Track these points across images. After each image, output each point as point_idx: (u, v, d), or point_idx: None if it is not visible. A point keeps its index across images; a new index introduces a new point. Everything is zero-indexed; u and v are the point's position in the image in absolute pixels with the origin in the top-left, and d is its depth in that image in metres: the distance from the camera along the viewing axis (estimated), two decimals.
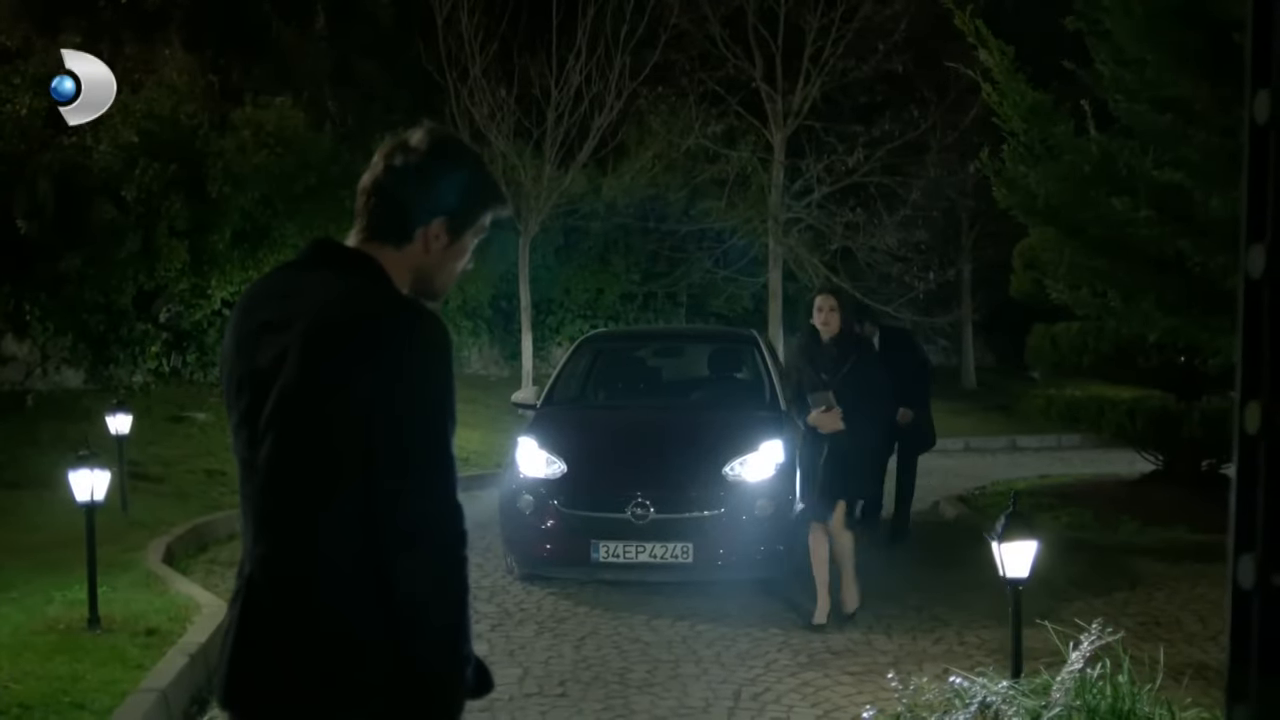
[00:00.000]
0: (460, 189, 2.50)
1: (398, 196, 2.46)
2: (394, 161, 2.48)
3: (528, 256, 18.88)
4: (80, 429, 11.26)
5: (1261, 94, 2.00)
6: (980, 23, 7.37)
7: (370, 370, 2.24)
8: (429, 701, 2.31)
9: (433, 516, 2.25)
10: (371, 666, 2.27)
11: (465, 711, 5.69)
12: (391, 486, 2.23)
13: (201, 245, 15.35)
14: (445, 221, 2.48)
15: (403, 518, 2.23)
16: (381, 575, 2.23)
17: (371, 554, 2.24)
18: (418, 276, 2.51)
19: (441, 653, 2.28)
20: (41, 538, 9.00)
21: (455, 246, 2.53)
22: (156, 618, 6.84)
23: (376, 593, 2.24)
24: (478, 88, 17.34)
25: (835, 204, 19.51)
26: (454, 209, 2.48)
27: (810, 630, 7.36)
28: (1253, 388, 2.05)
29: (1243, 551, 2.07)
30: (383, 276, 2.45)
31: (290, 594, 2.32)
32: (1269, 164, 2.00)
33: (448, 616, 2.28)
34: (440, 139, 2.52)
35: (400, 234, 2.46)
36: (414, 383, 2.26)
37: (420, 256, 2.49)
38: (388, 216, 2.47)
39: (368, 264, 2.46)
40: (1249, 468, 2.07)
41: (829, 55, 18.84)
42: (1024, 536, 5.07)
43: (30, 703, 5.29)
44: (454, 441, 2.33)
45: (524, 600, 8.15)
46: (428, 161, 2.46)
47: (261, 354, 2.38)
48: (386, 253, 2.47)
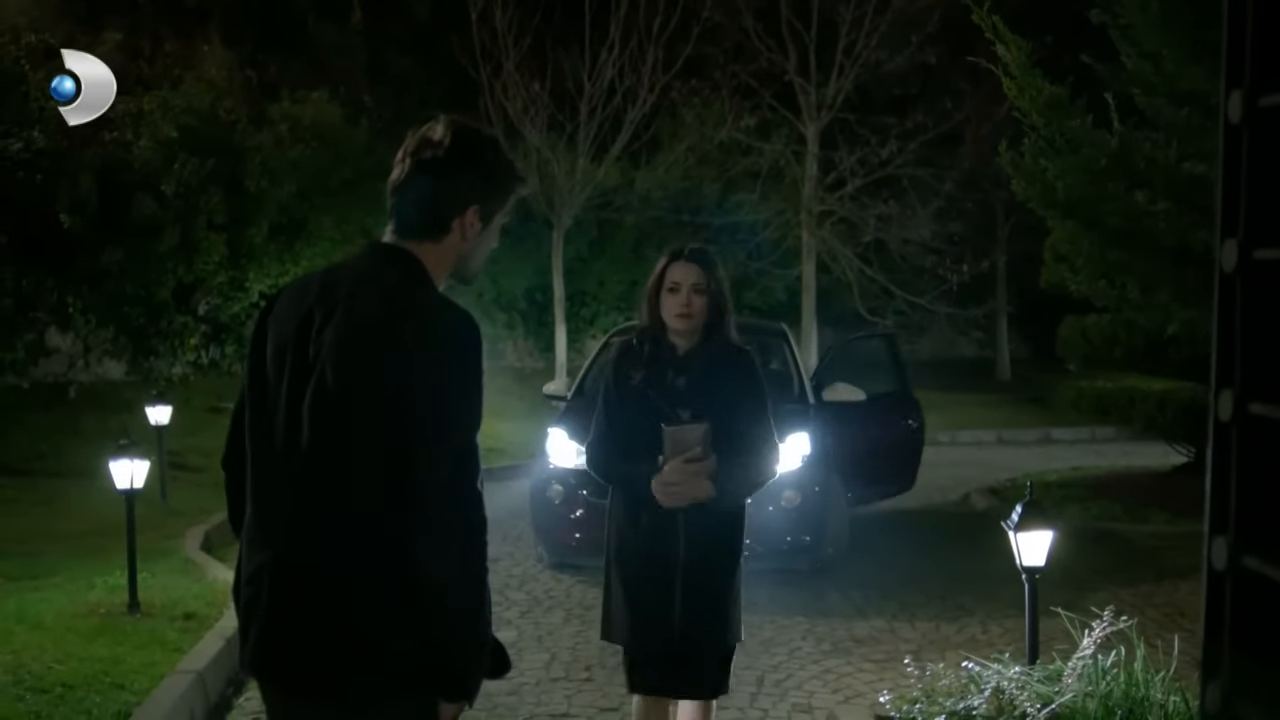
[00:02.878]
0: (486, 176, 2.63)
1: (429, 192, 2.59)
2: (422, 157, 2.60)
3: (561, 249, 19.03)
4: (121, 420, 11.50)
5: (1235, 94, 2.10)
6: (998, 19, 7.42)
7: (400, 368, 2.38)
8: (449, 677, 2.45)
9: (455, 506, 2.39)
10: (396, 645, 2.41)
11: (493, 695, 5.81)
12: (417, 479, 2.36)
13: (239, 239, 15.57)
14: (478, 209, 2.61)
15: (426, 507, 2.36)
16: (405, 560, 2.36)
17: (397, 540, 2.37)
18: (457, 263, 2.66)
19: (461, 633, 2.42)
20: (83, 525, 9.22)
21: (488, 230, 2.68)
22: (194, 603, 7.01)
23: (401, 577, 2.37)
24: (511, 82, 17.49)
25: (868, 196, 19.53)
26: (483, 195, 2.62)
27: (835, 619, 7.45)
28: (1226, 377, 2.15)
29: (1216, 534, 2.17)
30: (421, 273, 2.58)
31: (320, 577, 2.45)
32: (1241, 162, 2.10)
33: (467, 600, 2.41)
34: (461, 130, 2.63)
35: (437, 228, 2.60)
36: (441, 381, 2.39)
37: (459, 245, 2.63)
38: (422, 212, 2.60)
39: (407, 261, 2.59)
40: (1222, 454, 2.18)
41: (862, 47, 18.84)
42: (1040, 526, 5.14)
43: (73, 683, 5.46)
44: (478, 435, 2.45)
45: (553, 588, 8.28)
46: (453, 154, 2.58)
47: (300, 347, 2.51)
48: (425, 247, 2.60)
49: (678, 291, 4.13)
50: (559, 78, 17.72)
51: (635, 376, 4.18)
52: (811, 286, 20.41)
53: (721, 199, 21.34)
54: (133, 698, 5.36)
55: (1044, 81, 7.35)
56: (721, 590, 4.13)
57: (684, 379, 4.13)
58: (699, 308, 4.12)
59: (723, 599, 4.14)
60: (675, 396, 4.10)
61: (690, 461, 4.00)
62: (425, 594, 2.36)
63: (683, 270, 4.15)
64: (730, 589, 4.17)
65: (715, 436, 4.02)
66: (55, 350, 15.28)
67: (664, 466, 4.02)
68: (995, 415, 20.10)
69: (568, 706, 5.86)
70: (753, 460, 4.10)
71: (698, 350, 4.16)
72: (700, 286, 4.13)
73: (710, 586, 4.11)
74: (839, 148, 19.48)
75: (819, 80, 19.43)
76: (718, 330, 4.18)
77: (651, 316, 4.22)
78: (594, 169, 18.46)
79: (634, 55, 17.74)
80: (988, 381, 23.47)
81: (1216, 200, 2.14)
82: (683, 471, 4.00)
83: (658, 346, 4.20)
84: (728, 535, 4.17)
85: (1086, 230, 8.51)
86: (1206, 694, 2.19)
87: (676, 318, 4.12)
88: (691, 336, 4.16)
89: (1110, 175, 7.87)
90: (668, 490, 4.00)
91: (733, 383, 4.13)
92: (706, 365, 4.14)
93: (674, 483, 4.00)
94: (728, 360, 4.17)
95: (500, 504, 10.88)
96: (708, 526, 4.07)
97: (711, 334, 4.17)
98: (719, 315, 4.17)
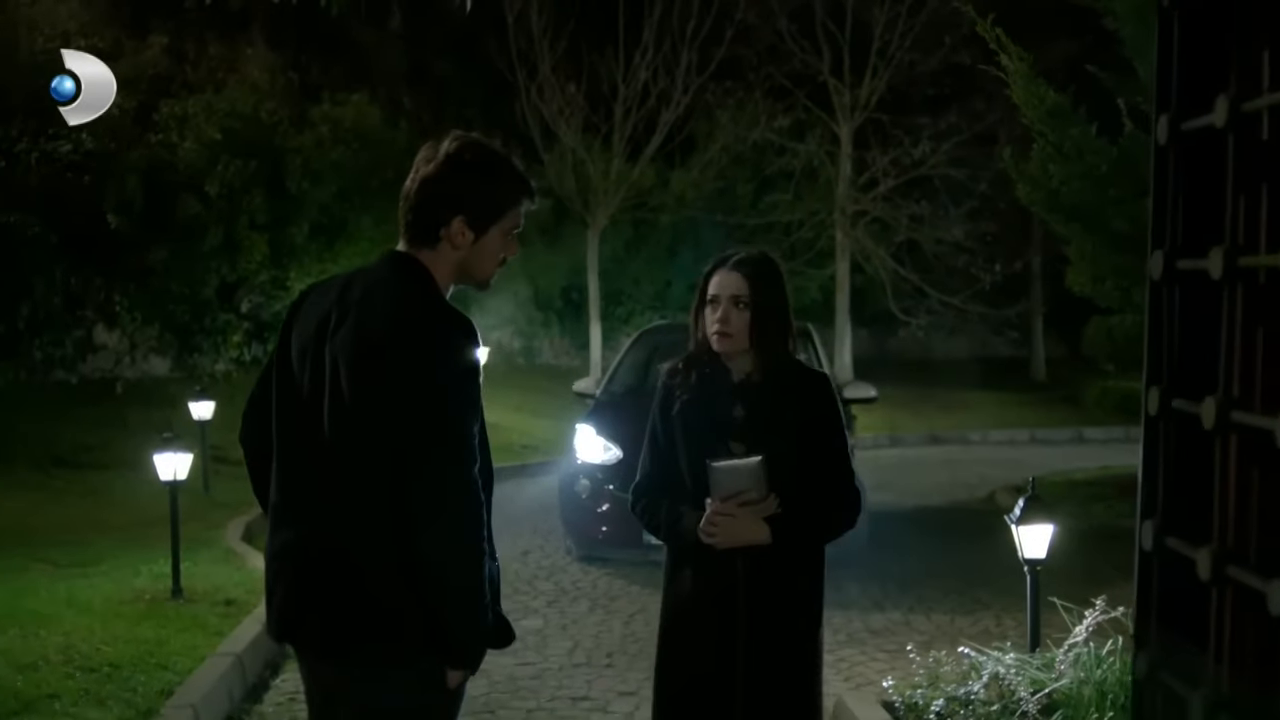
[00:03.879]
0: (474, 190, 2.80)
1: (417, 202, 2.82)
2: (419, 170, 2.83)
3: (597, 249, 19.30)
4: (165, 414, 11.86)
5: (1162, 119, 2.31)
6: (1000, 30, 7.58)
7: (400, 371, 2.64)
8: (452, 647, 2.72)
9: (451, 495, 2.64)
10: (402, 617, 2.68)
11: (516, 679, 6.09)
12: (417, 471, 2.62)
13: (281, 238, 15.94)
14: (464, 220, 2.79)
15: (426, 496, 2.62)
16: (410, 543, 2.63)
17: (400, 526, 2.63)
18: (458, 270, 2.86)
19: (461, 607, 2.68)
20: (129, 516, 9.56)
21: (484, 241, 2.84)
22: (235, 590, 7.31)
23: (406, 558, 2.64)
24: (547, 84, 17.78)
25: (900, 196, 19.67)
26: (470, 207, 2.79)
27: (852, 610, 7.64)
28: (1155, 375, 2.37)
29: (1146, 518, 2.39)
30: (426, 279, 2.81)
31: (336, 555, 2.73)
32: (1168, 181, 2.31)
33: (465, 579, 2.67)
34: (461, 146, 2.83)
35: (429, 236, 2.81)
36: (435, 383, 2.64)
37: (452, 253, 2.82)
38: (412, 222, 2.83)
39: (414, 268, 2.83)
40: (1152, 445, 2.39)
41: (896, 49, 18.99)
42: (1041, 520, 5.32)
43: (119, 663, 5.76)
44: (475, 429, 2.70)
45: (580, 579, 8.53)
46: (444, 168, 2.80)
47: (319, 346, 2.77)
48: (425, 254, 2.84)
49: (716, 305, 3.50)
50: (594, 80, 17.99)
51: (683, 406, 3.56)
52: (845, 286, 20.57)
53: (756, 199, 21.53)
54: (175, 677, 5.64)
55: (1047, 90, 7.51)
56: (798, 657, 3.50)
57: (741, 407, 3.51)
58: (740, 325, 3.47)
59: (801, 667, 3.51)
60: (729, 428, 3.49)
61: (745, 504, 3.39)
62: (428, 573, 2.62)
63: (722, 280, 3.52)
64: (809, 656, 3.54)
65: (780, 476, 3.41)
66: (103, 347, 15.70)
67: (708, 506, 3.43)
68: (1029, 415, 20.17)
69: (588, 690, 6.10)
70: (824, 504, 3.53)
71: (759, 374, 3.52)
72: (742, 299, 3.47)
73: (783, 653, 3.47)
74: (871, 148, 19.63)
75: (853, 81, 19.58)
76: (780, 351, 3.54)
77: (697, 338, 3.59)
78: (629, 169, 18.73)
79: (668, 58, 17.99)
80: (1022, 381, 23.51)
81: (1148, 216, 2.35)
82: (731, 511, 3.39)
83: (709, 370, 3.57)
84: (803, 591, 3.52)
85: (1089, 234, 8.65)
86: (1136, 664, 2.40)
87: (713, 336, 3.50)
88: (746, 358, 3.52)
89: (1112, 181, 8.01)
90: (712, 531, 3.40)
91: (803, 413, 3.52)
92: (771, 392, 3.51)
93: (719, 522, 3.39)
94: (798, 387, 3.55)
95: (532, 499, 11.19)
96: (774, 578, 3.44)
97: (774, 355, 3.52)
98: (776, 334, 3.52)
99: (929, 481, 13.68)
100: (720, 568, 3.45)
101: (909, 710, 5.13)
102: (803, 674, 3.52)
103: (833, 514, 3.57)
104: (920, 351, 24.55)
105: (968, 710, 4.85)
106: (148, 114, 15.61)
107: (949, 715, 4.89)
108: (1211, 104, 2.10)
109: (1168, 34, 2.28)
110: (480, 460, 2.73)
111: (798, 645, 3.51)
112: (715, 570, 3.45)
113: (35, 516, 9.87)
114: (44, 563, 8.02)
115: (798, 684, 3.50)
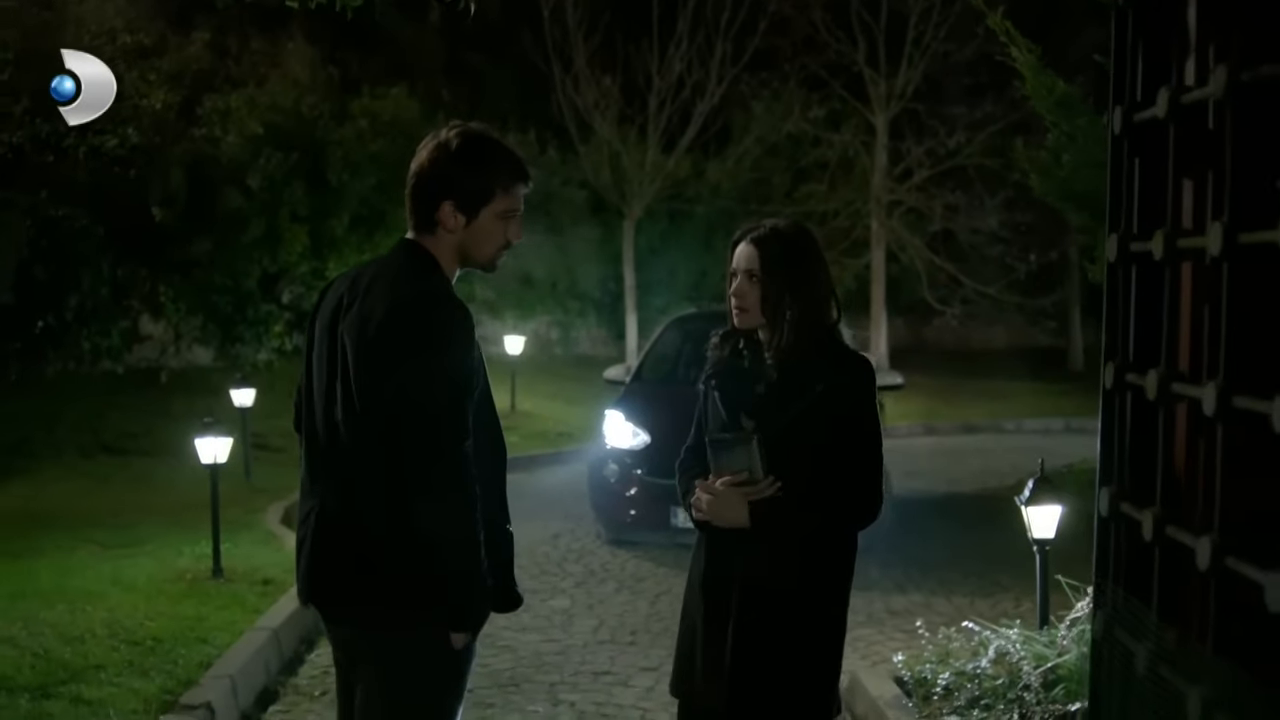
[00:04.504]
0: (460, 175, 2.95)
1: (416, 190, 2.99)
2: (416, 160, 3.00)
3: (633, 239, 19.48)
4: (208, 403, 12.15)
5: (1117, 110, 2.46)
6: (1009, 23, 7.68)
7: (395, 352, 2.83)
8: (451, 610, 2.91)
9: (443, 467, 2.81)
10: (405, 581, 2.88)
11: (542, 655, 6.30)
12: (414, 445, 2.81)
13: (321, 230, 16.25)
14: (453, 204, 2.95)
15: (422, 470, 2.80)
16: (410, 514, 2.82)
17: (396, 496, 2.82)
18: (460, 254, 3.03)
19: (458, 572, 2.86)
20: (172, 500, 9.84)
21: (476, 224, 2.98)
22: (273, 570, 7.55)
23: (407, 527, 2.83)
24: (582, 76, 17.97)
25: (935, 185, 19.71)
26: (457, 191, 2.95)
27: (874, 592, 7.79)
28: (1111, 351, 2.52)
29: (1103, 485, 2.54)
30: (429, 264, 2.99)
31: (347, 523, 2.96)
32: (1122, 169, 2.46)
33: (459, 545, 2.85)
34: (453, 134, 2.99)
35: (426, 222, 2.99)
36: (428, 363, 2.82)
37: (449, 237, 2.99)
38: (415, 209, 3.01)
39: (418, 253, 3.01)
40: (1109, 417, 2.54)
41: (931, 39, 19.03)
42: (1050, 501, 5.46)
43: (161, 637, 6.01)
44: (468, 405, 2.88)
45: (609, 561, 8.72)
46: (435, 155, 2.96)
47: (333, 331, 2.98)
48: (428, 240, 3.02)
49: (734, 279, 3.37)
50: (629, 72, 18.17)
51: (714, 379, 3.47)
52: (881, 276, 20.64)
53: (791, 189, 21.62)
54: (214, 650, 5.89)
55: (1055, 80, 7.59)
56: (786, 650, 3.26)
57: (763, 384, 3.33)
58: (753, 299, 3.31)
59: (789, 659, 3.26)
60: (746, 403, 3.34)
61: (741, 484, 3.25)
62: (426, 541, 2.81)
63: (740, 253, 3.38)
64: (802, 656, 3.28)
65: (786, 459, 3.24)
66: (148, 337, 16.08)
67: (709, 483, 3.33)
68: (1065, 404, 20.13)
69: (610, 665, 6.29)
70: (824, 498, 3.26)
71: (785, 352, 3.29)
72: (754, 272, 3.31)
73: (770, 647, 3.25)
74: (906, 138, 19.68)
75: (888, 71, 19.62)
76: (808, 327, 3.29)
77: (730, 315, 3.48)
78: (664, 161, 18.90)
79: (702, 49, 18.13)
80: (1060, 371, 23.46)
81: (1105, 203, 2.50)
82: (713, 490, 3.29)
83: (744, 345, 3.43)
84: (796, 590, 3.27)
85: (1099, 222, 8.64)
86: (1094, 622, 2.56)
87: (733, 311, 3.39)
88: (770, 334, 3.32)
89: None
90: (698, 506, 3.33)
91: (828, 398, 3.24)
92: (797, 372, 3.27)
93: (704, 500, 3.30)
94: (828, 367, 3.29)
95: (564, 484, 11.39)
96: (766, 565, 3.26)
97: (802, 332, 3.28)
98: (794, 307, 3.27)
99: (960, 469, 13.75)
100: (720, 553, 3.33)
101: (918, 685, 5.28)
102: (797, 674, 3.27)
103: (833, 511, 3.26)
104: (957, 341, 24.57)
105: (974, 684, 5.00)
106: (191, 109, 15.94)
107: (956, 689, 5.04)
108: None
109: (1123, 30, 2.43)
110: (483, 427, 2.92)
111: (789, 647, 3.26)
112: (715, 555, 3.35)
113: (83, 500, 10.21)
114: (91, 543, 8.31)
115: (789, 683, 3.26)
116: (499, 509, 3.04)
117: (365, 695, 3.02)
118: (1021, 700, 4.77)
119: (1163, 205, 2.28)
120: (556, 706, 5.68)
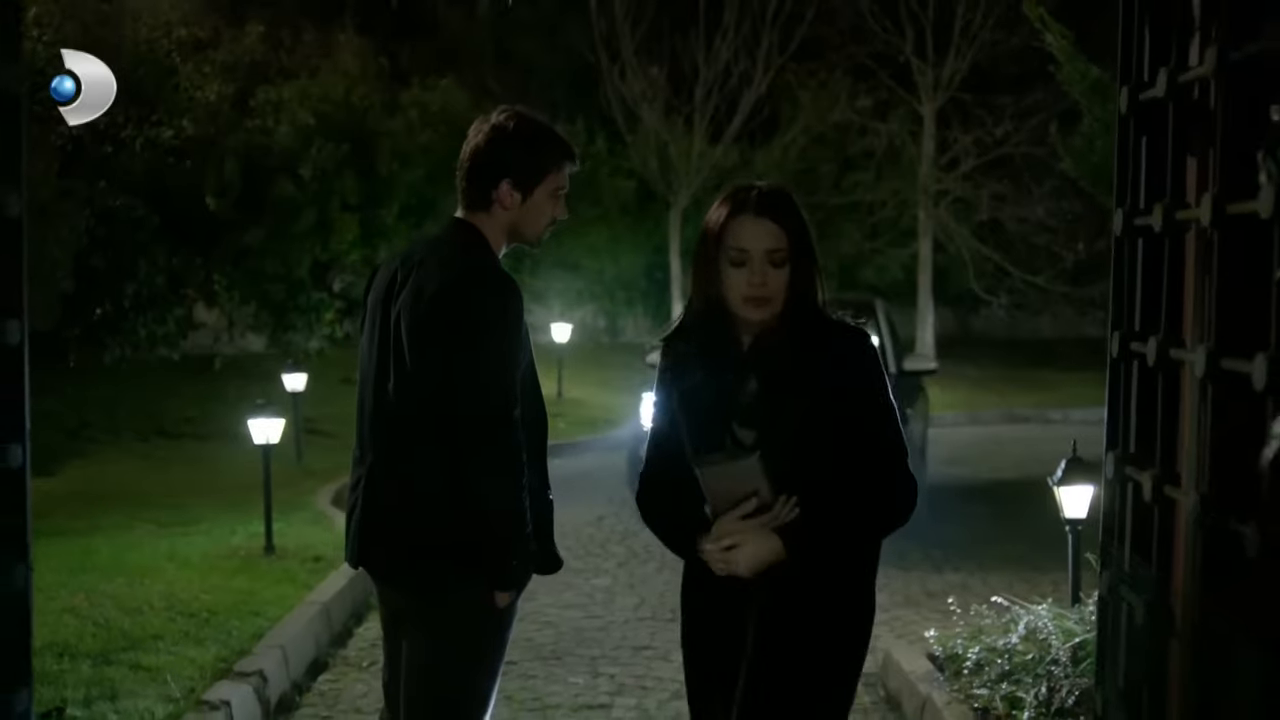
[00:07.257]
0: (516, 154, 3.11)
1: (473, 169, 3.15)
2: (471, 141, 3.16)
3: (679, 229, 19.59)
4: (261, 388, 12.41)
5: (1124, 90, 2.56)
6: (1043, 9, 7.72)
7: (446, 326, 2.99)
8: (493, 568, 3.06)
9: (492, 431, 2.98)
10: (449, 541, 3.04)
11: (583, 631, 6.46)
12: (463, 415, 2.98)
13: (371, 219, 16.51)
14: (510, 183, 3.11)
15: (471, 437, 2.97)
16: (457, 478, 2.98)
17: (450, 462, 2.99)
18: (511, 231, 3.19)
19: (503, 532, 3.03)
20: (226, 482, 10.09)
21: (530, 202, 3.15)
22: (323, 548, 7.75)
23: (454, 491, 3.00)
24: (630, 66, 18.10)
25: (982, 175, 19.66)
26: (514, 169, 3.11)
27: (912, 574, 7.87)
28: (1117, 321, 2.62)
29: (1109, 450, 2.64)
30: (478, 241, 3.15)
31: (395, 488, 3.12)
32: (1129, 147, 2.56)
33: (506, 506, 3.02)
34: (507, 117, 3.16)
35: (482, 200, 3.15)
36: (477, 337, 2.99)
37: (504, 215, 3.16)
38: (470, 188, 3.16)
39: (467, 231, 3.17)
40: (1115, 385, 2.65)
41: (979, 28, 18.97)
42: (1082, 481, 5.53)
43: (216, 609, 6.22)
44: (515, 374, 3.04)
45: (651, 542, 8.82)
46: (491, 136, 3.13)
47: (386, 307, 3.14)
48: (480, 218, 3.18)
49: (745, 264, 2.65)
50: (676, 62, 18.27)
51: (684, 385, 2.78)
52: (928, 265, 20.59)
53: (838, 179, 21.63)
54: (266, 623, 6.08)
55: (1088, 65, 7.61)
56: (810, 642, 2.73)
57: (755, 381, 2.73)
58: (777, 286, 2.66)
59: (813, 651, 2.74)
60: (736, 410, 2.72)
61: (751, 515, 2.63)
62: (475, 505, 2.98)
63: (752, 230, 2.66)
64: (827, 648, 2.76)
65: (804, 470, 2.66)
66: (202, 325, 16.45)
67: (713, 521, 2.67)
68: None
69: (650, 640, 6.42)
70: (859, 501, 2.69)
71: (775, 335, 2.71)
72: (779, 254, 2.65)
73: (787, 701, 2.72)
74: (954, 127, 19.63)
75: (935, 60, 19.57)
76: (804, 302, 2.71)
77: (705, 294, 2.75)
78: (711, 150, 18.99)
79: (749, 39, 18.20)
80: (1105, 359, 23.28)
81: (1113, 179, 2.60)
82: (736, 532, 2.63)
83: (714, 337, 2.76)
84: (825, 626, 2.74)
85: None
86: (1100, 582, 2.66)
87: (747, 303, 2.68)
88: (780, 324, 2.71)
89: None
90: (721, 568, 2.66)
91: (836, 384, 2.68)
92: (793, 361, 2.69)
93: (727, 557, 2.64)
94: (828, 347, 2.72)
95: (609, 469, 11.54)
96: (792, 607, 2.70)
97: (796, 309, 2.70)
98: (808, 284, 2.71)
99: (1004, 457, 13.77)
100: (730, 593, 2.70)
101: (950, 660, 5.37)
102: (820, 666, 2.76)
103: (872, 511, 2.72)
104: (1005, 331, 24.45)
105: (1004, 659, 5.08)
106: (245, 100, 16.24)
107: (986, 664, 5.12)
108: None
109: (1130, 12, 2.53)
110: (528, 400, 3.07)
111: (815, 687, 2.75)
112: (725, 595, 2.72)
113: (140, 481, 10.52)
114: (148, 522, 8.57)
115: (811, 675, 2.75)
116: (540, 477, 3.19)
117: (411, 652, 3.18)
118: (1050, 674, 4.85)
119: (1165, 180, 2.38)
120: (597, 679, 5.82)
